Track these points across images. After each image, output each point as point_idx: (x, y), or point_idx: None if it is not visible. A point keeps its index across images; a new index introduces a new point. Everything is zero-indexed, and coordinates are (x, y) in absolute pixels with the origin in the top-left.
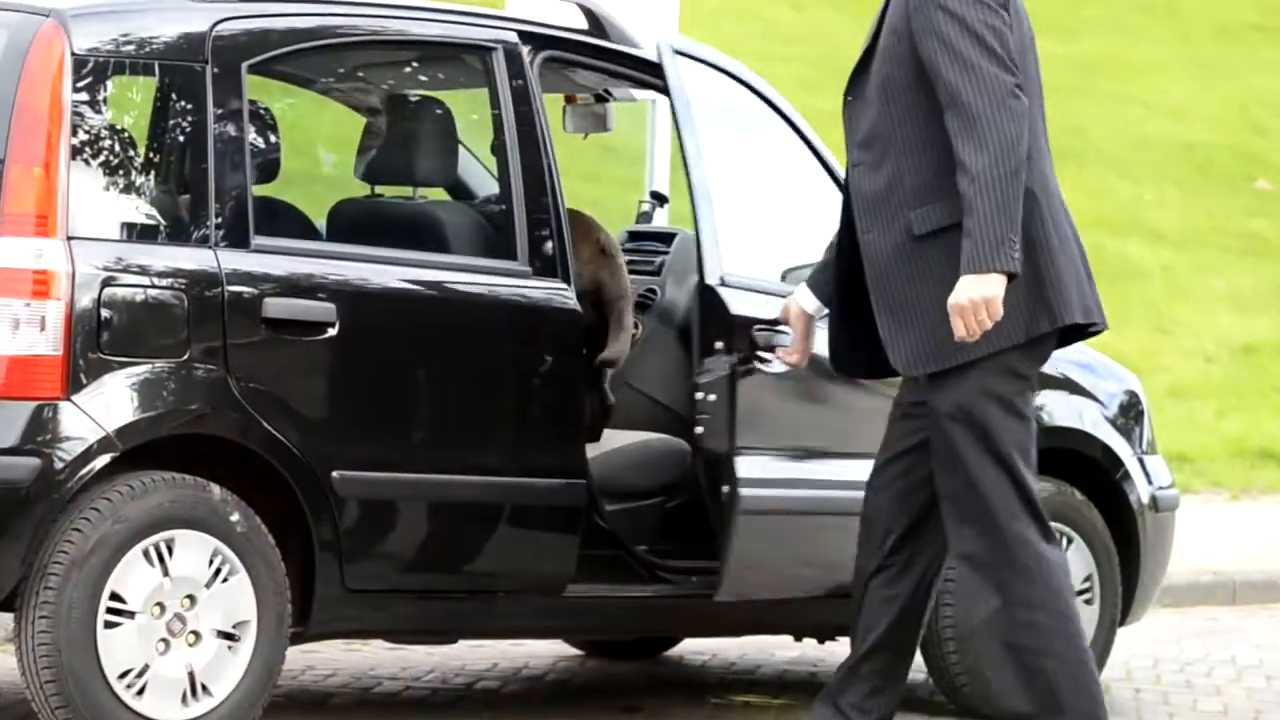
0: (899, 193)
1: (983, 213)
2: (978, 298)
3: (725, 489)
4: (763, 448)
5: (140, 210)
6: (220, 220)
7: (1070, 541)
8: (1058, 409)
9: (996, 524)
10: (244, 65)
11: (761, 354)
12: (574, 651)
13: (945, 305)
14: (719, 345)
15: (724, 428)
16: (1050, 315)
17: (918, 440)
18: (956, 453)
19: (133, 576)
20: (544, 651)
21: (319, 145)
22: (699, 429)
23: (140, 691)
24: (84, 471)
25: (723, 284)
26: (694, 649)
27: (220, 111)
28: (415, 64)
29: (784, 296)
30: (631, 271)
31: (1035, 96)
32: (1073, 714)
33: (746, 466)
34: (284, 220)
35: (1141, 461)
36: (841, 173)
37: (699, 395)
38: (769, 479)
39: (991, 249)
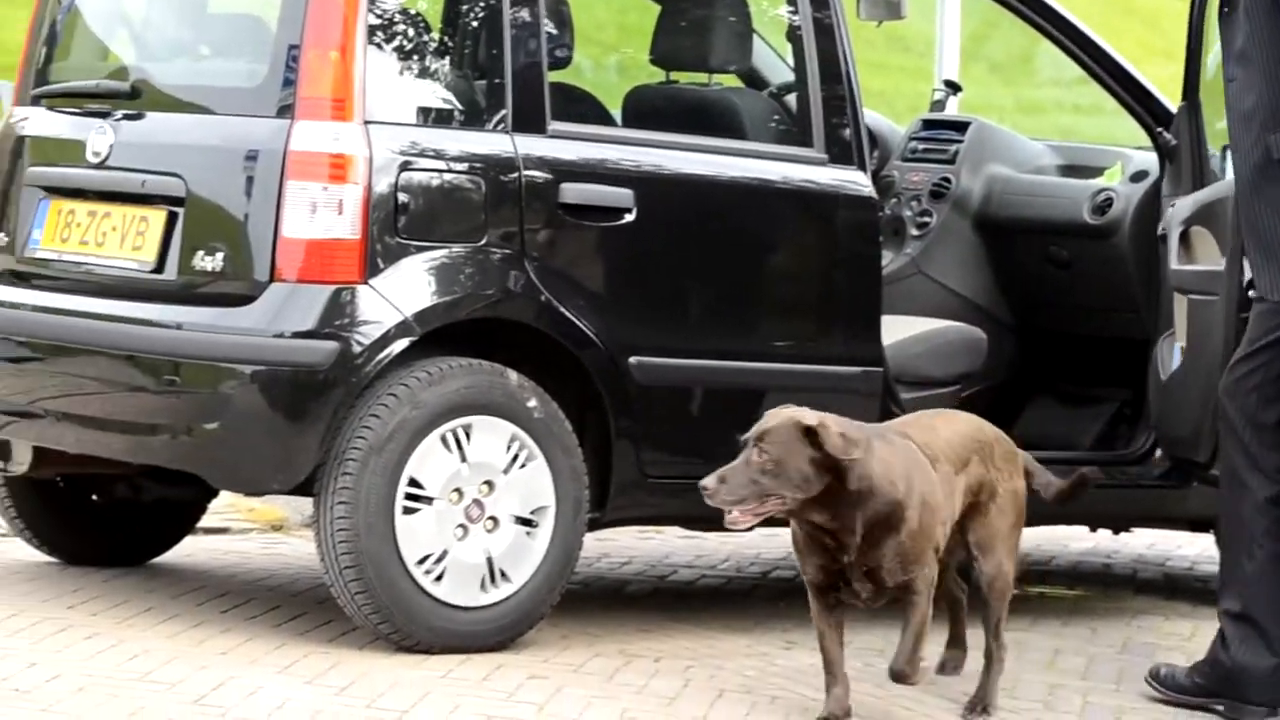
0: (1261, 114)
1: None
2: None
3: None
4: None
5: (436, 95)
6: (516, 105)
7: None
8: None
9: None
10: None
11: None
12: None
13: None
14: None
15: None
16: None
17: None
18: None
19: (431, 462)
20: None
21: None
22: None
23: (439, 577)
24: (382, 356)
25: None
26: None
27: None
28: None
29: None
30: (926, 160)
31: None
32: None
33: None
34: (578, 106)
35: None
36: None
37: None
38: None
39: None
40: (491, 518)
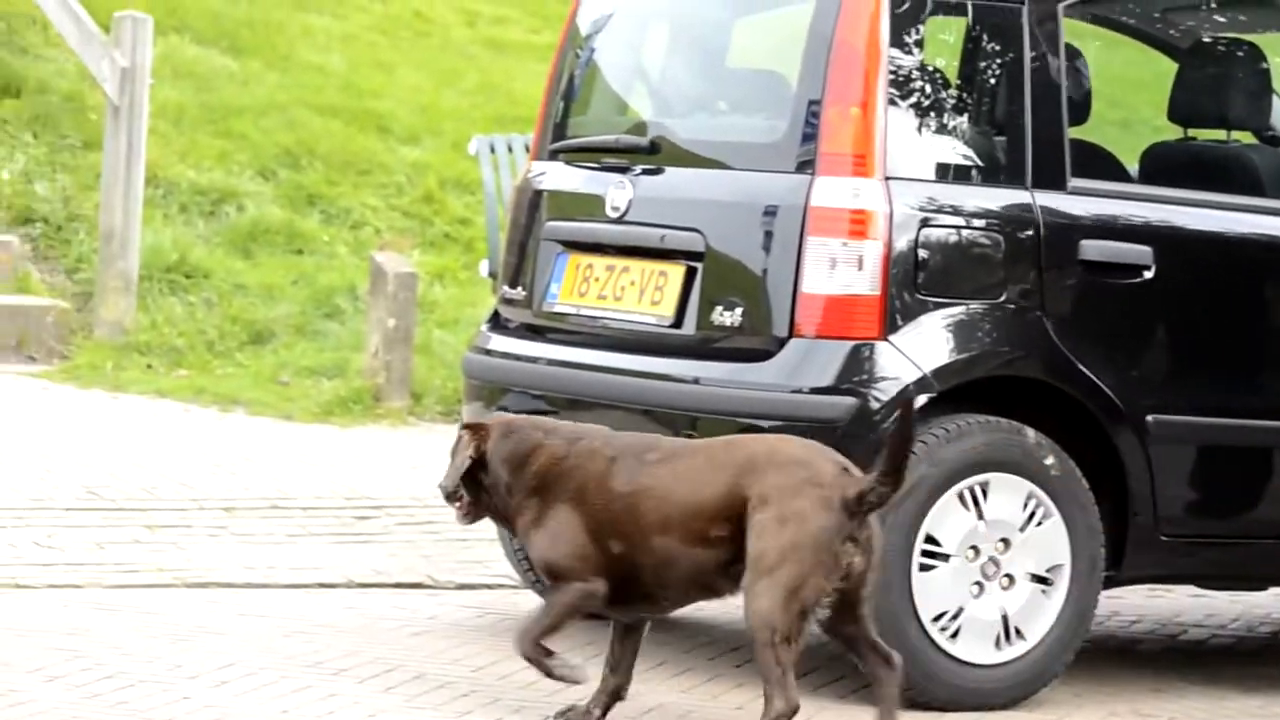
0: None
1: None
2: None
3: None
4: None
5: (955, 150)
6: (1036, 161)
7: None
8: None
9: None
10: (1060, 7)
11: None
12: None
13: None
14: None
15: None
16: None
17: None
18: None
19: (948, 519)
20: None
21: (1128, 90)
22: None
23: (954, 634)
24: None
25: None
26: None
27: (1035, 53)
28: (1225, 6)
29: None
30: None
31: None
32: None
33: None
34: (1096, 162)
35: None
36: None
37: None
38: None
39: None
40: (1007, 575)
